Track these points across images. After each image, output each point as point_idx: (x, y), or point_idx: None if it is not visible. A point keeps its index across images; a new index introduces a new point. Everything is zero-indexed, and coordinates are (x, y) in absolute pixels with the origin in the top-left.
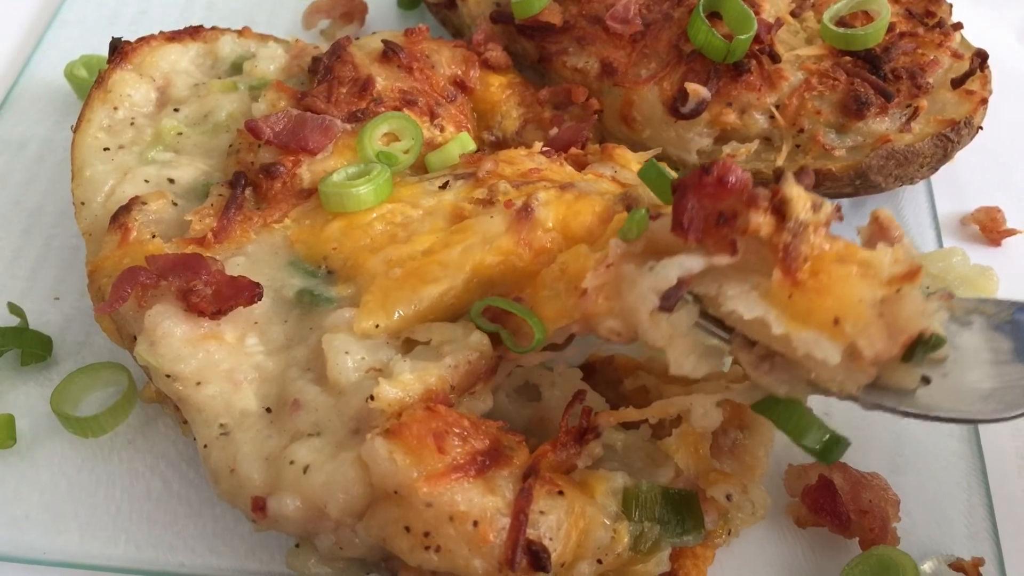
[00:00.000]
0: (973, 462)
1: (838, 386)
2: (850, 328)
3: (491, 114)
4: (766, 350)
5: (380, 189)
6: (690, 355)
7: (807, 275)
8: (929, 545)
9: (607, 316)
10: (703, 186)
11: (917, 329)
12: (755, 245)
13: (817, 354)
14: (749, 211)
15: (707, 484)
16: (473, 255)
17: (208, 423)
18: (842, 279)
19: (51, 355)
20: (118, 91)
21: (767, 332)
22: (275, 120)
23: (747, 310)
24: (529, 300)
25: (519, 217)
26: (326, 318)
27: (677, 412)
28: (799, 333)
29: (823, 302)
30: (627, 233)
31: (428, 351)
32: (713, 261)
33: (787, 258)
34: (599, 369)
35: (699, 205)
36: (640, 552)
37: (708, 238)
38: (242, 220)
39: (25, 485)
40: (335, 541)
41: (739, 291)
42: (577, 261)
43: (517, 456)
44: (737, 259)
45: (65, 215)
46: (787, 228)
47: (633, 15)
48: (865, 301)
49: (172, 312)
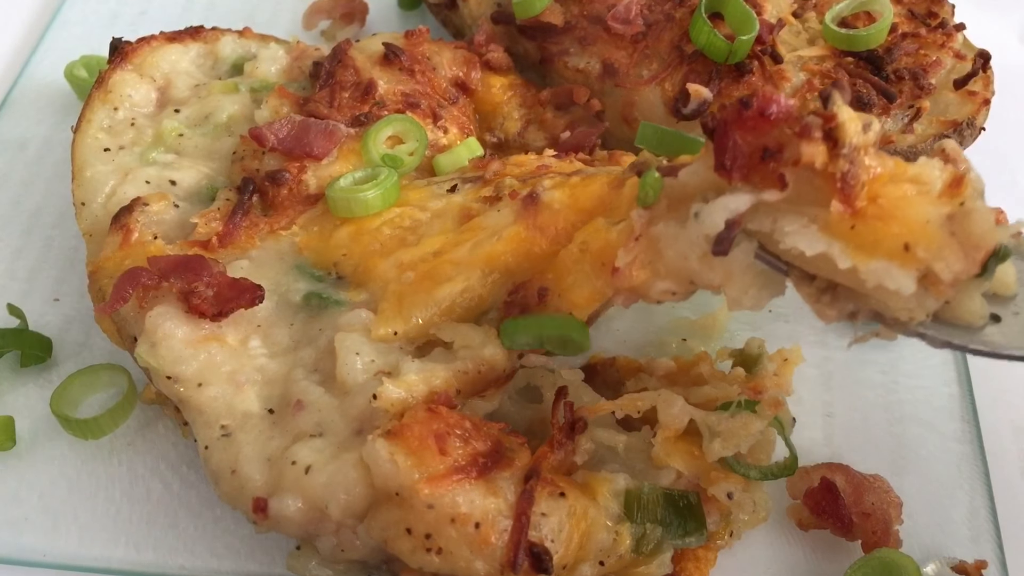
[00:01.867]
0: (976, 464)
1: (907, 314)
2: (923, 252)
3: (493, 116)
4: (827, 281)
5: (388, 193)
6: (748, 289)
7: (865, 201)
8: (932, 547)
9: (655, 280)
10: (744, 121)
11: (993, 243)
12: (806, 175)
13: (889, 284)
14: (800, 142)
15: (708, 483)
16: (484, 249)
17: (209, 424)
18: (903, 201)
19: (51, 356)
20: (118, 91)
21: (831, 266)
22: (279, 127)
23: (808, 246)
24: (554, 288)
25: (526, 204)
26: (339, 318)
27: (648, 406)
28: (867, 265)
29: (889, 229)
30: (645, 199)
31: (445, 354)
32: (762, 198)
33: (846, 187)
34: (601, 371)
35: (742, 142)
36: (642, 554)
37: (753, 175)
38: (248, 226)
39: (25, 487)
40: (336, 543)
41: (797, 226)
42: (598, 236)
43: (519, 458)
44: (787, 193)
45: (65, 216)
46: (842, 155)
47: (635, 16)
48: (933, 222)
49: (173, 313)
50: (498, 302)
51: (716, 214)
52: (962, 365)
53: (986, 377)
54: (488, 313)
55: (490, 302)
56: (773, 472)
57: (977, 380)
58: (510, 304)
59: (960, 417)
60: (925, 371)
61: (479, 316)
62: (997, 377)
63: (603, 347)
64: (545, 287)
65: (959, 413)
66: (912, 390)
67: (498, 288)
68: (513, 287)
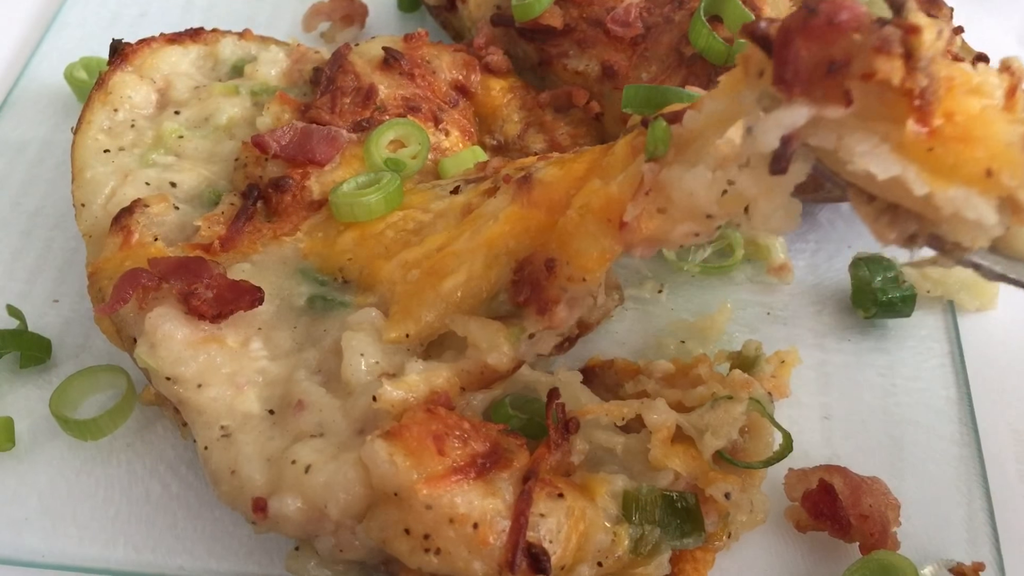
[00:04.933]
0: (974, 466)
1: (971, 240)
2: (1007, 179)
3: (492, 118)
4: (888, 202)
5: (391, 197)
6: (777, 211)
7: (941, 119)
8: (930, 550)
9: (673, 225)
10: (811, 30)
11: None
12: (875, 89)
13: (969, 214)
14: (875, 56)
15: (706, 483)
16: (483, 234)
17: (209, 425)
18: (980, 121)
19: (50, 358)
20: (118, 93)
21: (902, 191)
22: (281, 134)
23: (881, 169)
24: (560, 256)
25: (519, 185)
26: (346, 318)
27: (632, 414)
28: (946, 192)
29: (970, 152)
30: (654, 151)
31: (453, 354)
32: (824, 113)
33: (923, 105)
34: (599, 373)
35: (805, 53)
36: (640, 555)
37: (815, 89)
38: (251, 231)
39: (24, 488)
40: (335, 543)
41: (867, 147)
42: (597, 196)
43: (517, 458)
44: (852, 110)
45: (65, 217)
46: (919, 69)
47: (634, 18)
48: (1015, 144)
49: (173, 315)
50: (505, 283)
51: (771, 131)
52: (960, 368)
53: (984, 380)
54: (498, 296)
55: (497, 285)
56: (773, 458)
57: (975, 383)
58: (518, 283)
59: (958, 420)
60: (923, 374)
61: (490, 301)
62: (995, 380)
63: (601, 349)
64: (552, 258)
65: (957, 416)
66: (910, 393)
67: (503, 269)
68: (517, 265)
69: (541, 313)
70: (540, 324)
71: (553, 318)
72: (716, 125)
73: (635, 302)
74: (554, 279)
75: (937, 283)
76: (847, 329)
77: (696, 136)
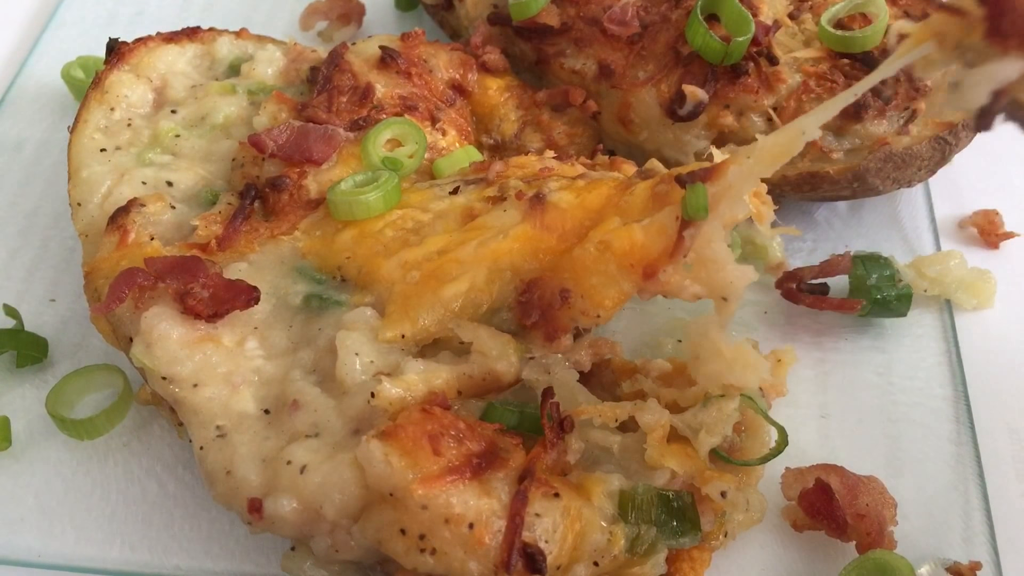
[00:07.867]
0: (971, 465)
1: None
2: None
3: (489, 117)
4: None
5: (389, 195)
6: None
7: None
8: (926, 549)
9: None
10: None
11: None
12: None
13: None
14: None
15: (702, 482)
16: (490, 247)
17: (204, 425)
18: None
19: (47, 357)
20: (115, 92)
21: None
22: (277, 133)
23: None
24: (576, 288)
25: (532, 204)
26: (341, 317)
27: (625, 416)
28: None
29: None
30: (695, 214)
31: (450, 356)
32: None
33: None
34: (597, 372)
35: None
36: (636, 554)
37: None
38: (248, 231)
39: (20, 487)
40: (331, 543)
41: None
42: (619, 237)
43: (513, 458)
44: None
45: (61, 216)
46: None
47: (631, 17)
48: None
49: (169, 314)
50: (507, 301)
51: (982, 84)
52: (957, 366)
53: (981, 379)
54: (499, 312)
55: (498, 300)
56: (769, 455)
57: (972, 382)
58: (526, 305)
59: (955, 418)
60: (920, 372)
61: (490, 316)
62: (992, 378)
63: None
64: (567, 288)
65: (954, 414)
66: (907, 392)
67: (505, 285)
68: (524, 286)
69: (549, 340)
70: (545, 349)
71: (559, 346)
72: (746, 179)
73: (632, 301)
74: (567, 310)
75: (934, 282)
76: (844, 328)
77: (726, 191)
